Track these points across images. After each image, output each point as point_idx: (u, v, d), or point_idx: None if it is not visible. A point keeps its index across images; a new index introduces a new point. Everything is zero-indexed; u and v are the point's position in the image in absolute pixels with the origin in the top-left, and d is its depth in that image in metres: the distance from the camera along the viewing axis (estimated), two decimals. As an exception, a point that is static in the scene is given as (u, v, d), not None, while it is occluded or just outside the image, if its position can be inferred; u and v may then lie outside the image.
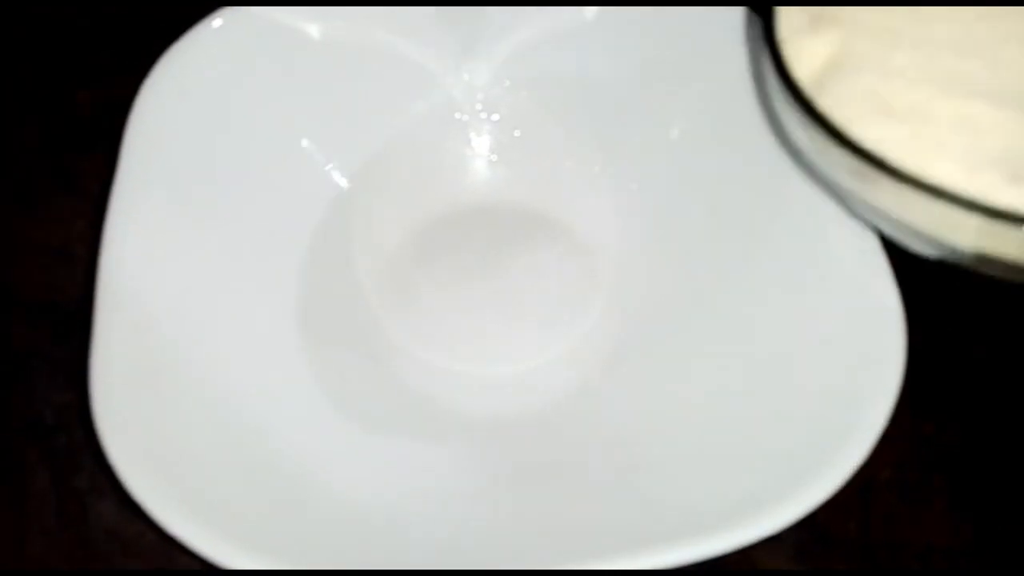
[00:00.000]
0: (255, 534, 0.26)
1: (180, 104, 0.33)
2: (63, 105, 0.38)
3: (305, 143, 0.35)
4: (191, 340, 0.30)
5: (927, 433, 0.31)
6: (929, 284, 0.30)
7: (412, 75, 0.36)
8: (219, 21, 0.34)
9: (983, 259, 0.26)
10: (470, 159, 0.36)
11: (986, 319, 0.33)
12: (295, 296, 0.33)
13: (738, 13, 0.34)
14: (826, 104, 0.27)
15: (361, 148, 0.36)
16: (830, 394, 0.27)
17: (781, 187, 0.32)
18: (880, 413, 0.26)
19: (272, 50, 0.34)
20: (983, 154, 0.26)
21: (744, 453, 0.28)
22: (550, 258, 0.35)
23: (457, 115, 0.36)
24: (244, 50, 0.34)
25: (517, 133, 0.36)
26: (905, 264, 0.29)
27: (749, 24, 0.33)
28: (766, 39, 0.28)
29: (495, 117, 0.36)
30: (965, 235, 0.25)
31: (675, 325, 0.32)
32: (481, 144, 0.37)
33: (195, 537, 0.25)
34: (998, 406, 0.32)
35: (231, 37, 0.34)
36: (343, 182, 0.35)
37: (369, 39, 0.35)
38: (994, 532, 0.30)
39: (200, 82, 0.33)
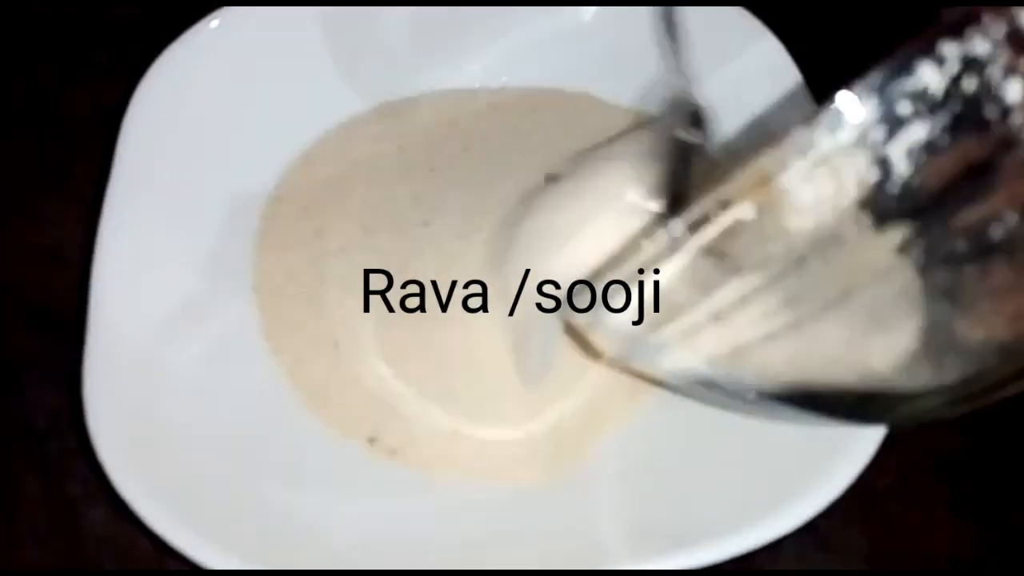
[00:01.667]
0: (245, 539, 0.25)
1: (175, 106, 0.32)
2: (57, 106, 0.38)
3: (302, 146, 0.35)
4: (183, 346, 0.29)
5: (928, 440, 0.31)
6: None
7: (410, 77, 0.36)
8: (216, 22, 0.33)
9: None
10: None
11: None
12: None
13: (738, 14, 0.34)
14: None
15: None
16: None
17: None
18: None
19: (269, 51, 0.34)
20: None
21: (745, 460, 0.28)
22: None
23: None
24: (241, 51, 0.34)
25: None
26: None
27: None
28: None
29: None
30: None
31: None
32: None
33: (187, 542, 0.25)
34: (999, 413, 0.31)
35: (228, 38, 0.33)
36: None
37: (368, 40, 0.35)
38: (995, 539, 0.30)
39: (196, 84, 0.33)
